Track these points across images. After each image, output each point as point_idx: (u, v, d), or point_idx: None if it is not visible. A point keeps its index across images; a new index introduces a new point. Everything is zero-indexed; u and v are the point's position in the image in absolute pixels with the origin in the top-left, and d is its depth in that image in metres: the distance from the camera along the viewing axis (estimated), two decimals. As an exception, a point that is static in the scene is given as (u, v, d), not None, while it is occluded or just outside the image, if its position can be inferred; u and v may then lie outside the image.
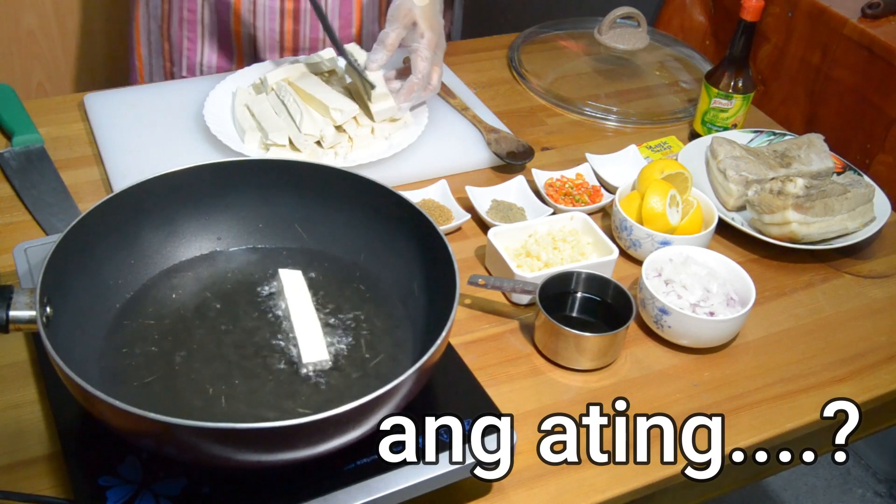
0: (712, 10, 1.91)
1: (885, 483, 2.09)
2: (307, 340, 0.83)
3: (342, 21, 1.43)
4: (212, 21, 1.39)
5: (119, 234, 0.86)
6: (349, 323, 0.86)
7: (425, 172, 1.22)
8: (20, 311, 0.72)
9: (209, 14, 1.38)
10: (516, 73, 1.50)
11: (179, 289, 0.88)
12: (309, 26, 1.41)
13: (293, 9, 1.37)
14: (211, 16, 1.38)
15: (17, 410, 0.85)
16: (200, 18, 1.38)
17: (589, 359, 0.95)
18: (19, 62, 2.16)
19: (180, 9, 1.38)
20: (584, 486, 0.84)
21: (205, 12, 1.38)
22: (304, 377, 0.80)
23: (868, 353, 1.02)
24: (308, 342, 0.83)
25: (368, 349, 0.84)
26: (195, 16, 1.38)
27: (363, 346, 0.84)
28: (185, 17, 1.39)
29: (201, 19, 1.39)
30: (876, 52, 1.51)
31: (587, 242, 1.08)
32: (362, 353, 0.84)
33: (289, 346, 0.83)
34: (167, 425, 0.64)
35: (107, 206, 0.84)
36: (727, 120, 1.33)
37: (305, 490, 0.72)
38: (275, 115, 1.20)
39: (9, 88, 1.28)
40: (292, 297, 0.87)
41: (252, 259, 0.93)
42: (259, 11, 1.37)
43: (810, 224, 1.10)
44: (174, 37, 1.42)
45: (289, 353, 0.83)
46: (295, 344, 0.83)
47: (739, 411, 0.93)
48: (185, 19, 1.39)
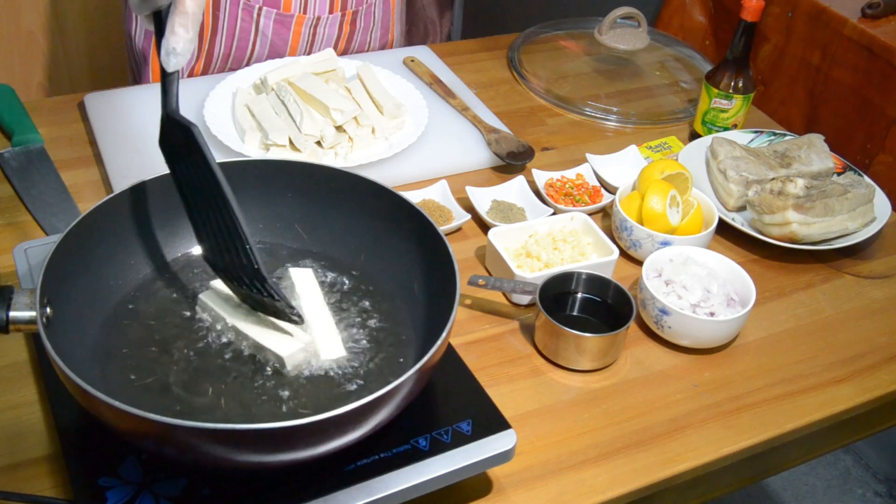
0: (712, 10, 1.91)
1: (885, 483, 2.09)
2: (323, 338, 0.83)
3: (382, 30, 1.46)
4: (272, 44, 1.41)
5: (119, 234, 0.86)
6: (349, 323, 0.86)
7: (425, 172, 1.22)
8: (20, 312, 0.72)
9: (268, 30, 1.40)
10: (516, 73, 1.50)
11: (180, 289, 0.88)
12: (358, 43, 1.47)
13: (350, 31, 1.42)
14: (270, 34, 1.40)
15: (17, 411, 0.85)
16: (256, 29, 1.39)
17: (589, 359, 0.95)
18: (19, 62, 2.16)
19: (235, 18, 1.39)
20: (584, 486, 0.84)
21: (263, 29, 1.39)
22: (304, 377, 0.80)
23: (868, 354, 1.02)
24: (324, 340, 0.83)
25: (368, 349, 0.84)
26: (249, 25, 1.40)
27: (363, 346, 0.84)
28: (240, 26, 1.39)
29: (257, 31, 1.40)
30: (876, 52, 1.51)
31: (587, 243, 1.08)
32: (362, 354, 0.84)
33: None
34: (167, 426, 0.64)
35: (107, 206, 0.84)
36: (727, 120, 1.33)
37: (306, 491, 0.72)
38: (275, 115, 1.20)
39: (9, 88, 1.28)
40: (305, 296, 0.87)
41: (252, 259, 0.93)
42: (317, 36, 1.42)
43: (810, 224, 1.10)
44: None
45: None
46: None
47: (739, 411, 0.93)
48: (239, 27, 1.40)
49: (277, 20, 1.37)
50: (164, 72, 0.77)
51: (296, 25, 1.38)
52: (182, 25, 0.75)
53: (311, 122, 1.18)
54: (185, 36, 0.75)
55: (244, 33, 1.38)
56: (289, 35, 1.39)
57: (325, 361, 0.82)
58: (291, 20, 1.38)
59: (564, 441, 0.88)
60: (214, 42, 1.39)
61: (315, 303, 0.87)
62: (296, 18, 1.38)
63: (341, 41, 1.44)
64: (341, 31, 1.42)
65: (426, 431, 0.77)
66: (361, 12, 1.44)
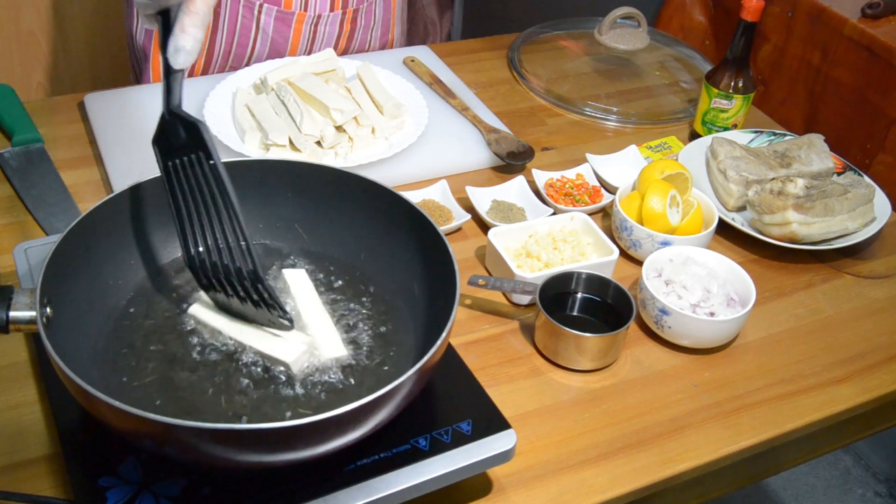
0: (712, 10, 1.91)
1: (885, 483, 2.09)
2: (323, 338, 0.83)
3: (382, 29, 1.46)
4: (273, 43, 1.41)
5: (119, 234, 0.86)
6: (349, 323, 0.86)
7: (425, 172, 1.22)
8: (20, 312, 0.72)
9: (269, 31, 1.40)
10: (516, 73, 1.50)
11: (179, 289, 0.88)
12: (358, 42, 1.46)
13: (350, 30, 1.42)
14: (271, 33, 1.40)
15: (17, 410, 0.85)
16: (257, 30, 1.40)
17: (589, 359, 0.95)
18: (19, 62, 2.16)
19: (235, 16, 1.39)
20: (584, 486, 0.84)
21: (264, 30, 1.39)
22: (304, 377, 0.80)
23: (868, 354, 1.02)
24: (324, 340, 0.83)
25: (368, 350, 0.84)
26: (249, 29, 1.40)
27: (363, 346, 0.84)
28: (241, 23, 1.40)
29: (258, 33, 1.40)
30: (876, 52, 1.51)
31: (587, 243, 1.08)
32: (362, 354, 0.84)
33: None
34: (167, 426, 0.64)
35: (107, 206, 0.84)
36: (727, 120, 1.33)
37: (306, 490, 0.72)
38: (275, 115, 1.20)
39: (9, 88, 1.28)
40: (300, 297, 0.87)
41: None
42: (318, 36, 1.41)
43: (810, 224, 1.10)
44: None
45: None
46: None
47: (739, 411, 0.93)
48: (240, 24, 1.40)
49: (278, 17, 1.37)
50: (168, 69, 0.77)
51: (296, 23, 1.38)
52: (193, 25, 0.75)
53: (311, 122, 1.18)
54: (195, 35, 0.75)
55: (245, 31, 1.38)
56: (289, 33, 1.39)
57: (327, 360, 0.82)
58: (292, 18, 1.38)
59: (564, 441, 0.88)
60: (215, 40, 1.39)
61: (311, 303, 0.87)
62: (296, 16, 1.38)
63: (342, 39, 1.44)
64: (342, 29, 1.42)
65: (426, 431, 0.77)
66: (362, 10, 1.44)
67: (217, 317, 0.84)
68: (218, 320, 0.84)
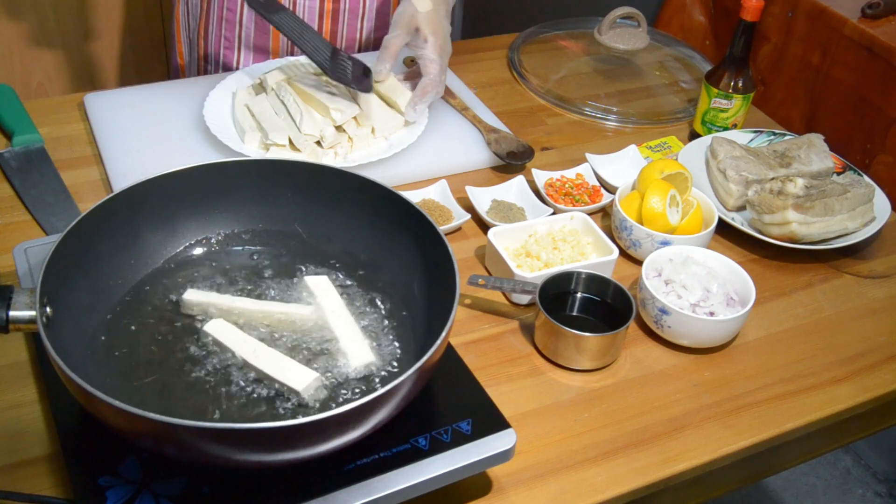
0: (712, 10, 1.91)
1: (885, 483, 2.10)
2: (351, 345, 0.83)
3: (378, 21, 1.44)
4: (250, 20, 1.40)
5: (119, 234, 0.87)
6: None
7: (425, 172, 1.22)
8: (20, 312, 0.72)
9: (248, 13, 1.39)
10: (516, 73, 1.50)
11: (179, 289, 0.88)
12: (347, 26, 1.43)
13: (332, 9, 1.39)
14: (250, 15, 1.39)
15: (17, 410, 0.85)
16: (239, 18, 1.39)
17: (589, 359, 0.95)
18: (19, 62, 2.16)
19: (220, 8, 1.39)
20: (584, 486, 0.84)
21: (243, 11, 1.39)
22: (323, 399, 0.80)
23: (868, 353, 1.02)
24: (352, 347, 0.83)
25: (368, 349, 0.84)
26: (234, 15, 1.39)
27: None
28: (224, 17, 1.40)
29: (239, 19, 1.39)
30: (876, 52, 1.51)
31: (587, 242, 1.08)
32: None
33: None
34: (167, 425, 0.64)
35: (107, 206, 0.84)
36: (727, 120, 1.33)
37: (306, 490, 0.72)
38: (275, 115, 1.21)
39: (9, 88, 1.28)
40: (326, 304, 0.86)
41: (252, 259, 0.93)
42: (298, 13, 1.38)
43: (810, 224, 1.10)
44: (212, 36, 1.42)
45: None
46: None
47: (739, 411, 0.93)
48: (224, 18, 1.40)
49: None
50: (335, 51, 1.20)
51: None
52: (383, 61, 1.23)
53: (311, 122, 1.18)
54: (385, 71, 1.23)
55: (231, 3, 1.39)
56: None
57: (371, 364, 0.82)
58: None
59: (564, 440, 0.88)
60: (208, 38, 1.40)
61: (337, 310, 0.86)
62: None
63: (325, 19, 1.41)
64: (322, 6, 1.40)
65: (426, 431, 0.77)
66: None
67: (230, 337, 0.83)
68: (231, 340, 0.83)
